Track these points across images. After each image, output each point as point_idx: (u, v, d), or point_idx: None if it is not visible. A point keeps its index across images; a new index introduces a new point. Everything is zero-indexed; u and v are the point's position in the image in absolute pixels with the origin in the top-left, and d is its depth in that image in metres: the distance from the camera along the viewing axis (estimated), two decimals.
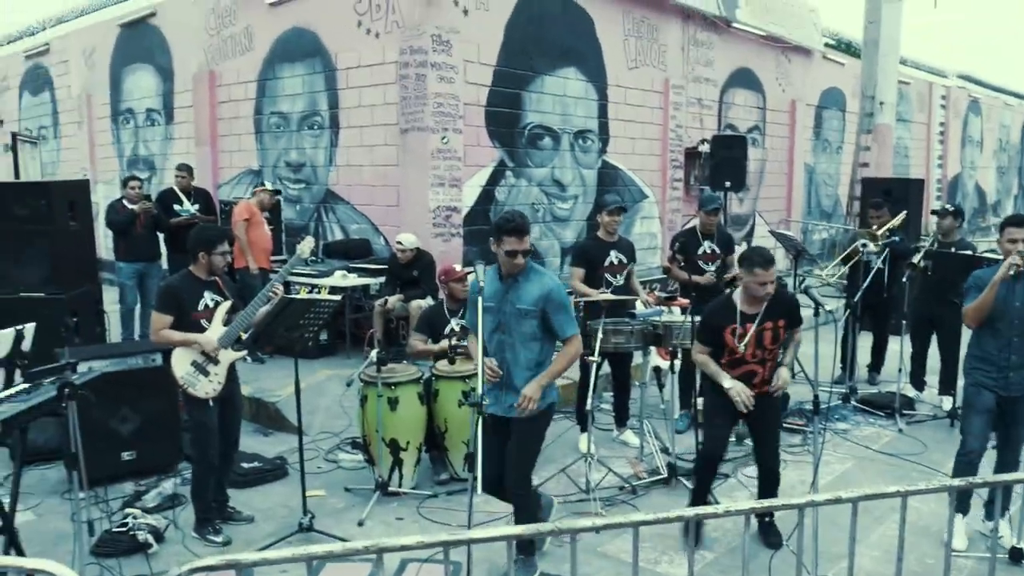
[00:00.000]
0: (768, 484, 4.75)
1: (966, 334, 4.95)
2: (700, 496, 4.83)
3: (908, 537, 4.92)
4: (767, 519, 4.84)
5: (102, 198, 12.88)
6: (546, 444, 6.45)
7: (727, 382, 4.57)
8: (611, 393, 6.88)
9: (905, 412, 7.22)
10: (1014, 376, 4.62)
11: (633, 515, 2.33)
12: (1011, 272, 4.46)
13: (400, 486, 5.56)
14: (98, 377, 4.45)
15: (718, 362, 4.67)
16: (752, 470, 5.36)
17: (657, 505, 5.42)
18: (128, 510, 5.02)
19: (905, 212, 8.19)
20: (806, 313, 4.78)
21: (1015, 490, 5.12)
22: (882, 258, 7.50)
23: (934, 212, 7.82)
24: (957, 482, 2.70)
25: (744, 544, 2.83)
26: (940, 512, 5.01)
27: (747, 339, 4.53)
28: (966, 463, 4.78)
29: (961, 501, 4.85)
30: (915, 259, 7.08)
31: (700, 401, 5.43)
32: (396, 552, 2.14)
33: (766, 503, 2.66)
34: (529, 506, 4.33)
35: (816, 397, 4.26)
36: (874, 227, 7.81)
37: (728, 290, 5.10)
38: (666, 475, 5.67)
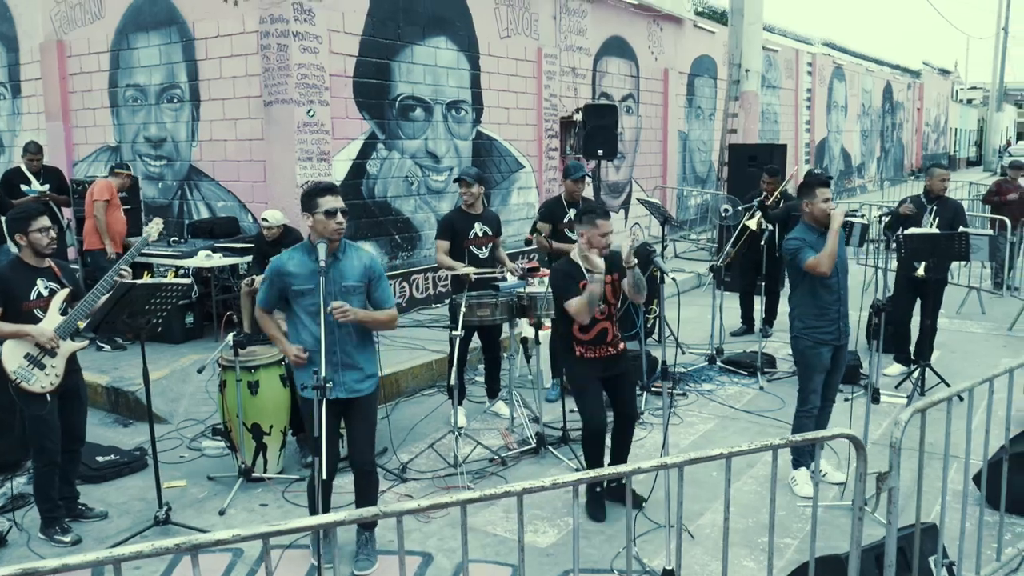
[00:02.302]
0: (625, 433, 4.89)
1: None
2: (596, 466, 4.82)
3: (761, 490, 5.16)
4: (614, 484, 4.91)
5: None
6: (418, 420, 6.49)
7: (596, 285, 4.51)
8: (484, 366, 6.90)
9: (767, 370, 7.53)
10: (843, 324, 4.97)
11: (461, 494, 2.31)
12: (845, 225, 4.81)
13: (265, 471, 5.44)
14: None
15: (570, 331, 4.73)
16: None
17: (526, 474, 5.47)
18: None
19: (794, 171, 8.62)
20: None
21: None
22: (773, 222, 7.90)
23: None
24: (778, 441, 2.80)
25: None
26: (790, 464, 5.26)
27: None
28: (809, 418, 5.03)
29: (801, 454, 5.12)
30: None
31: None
32: (212, 550, 2.06)
33: (594, 473, 2.69)
34: (377, 481, 4.42)
35: (663, 363, 4.36)
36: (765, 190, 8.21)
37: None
38: (534, 445, 5.74)
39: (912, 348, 7.54)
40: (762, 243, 8.19)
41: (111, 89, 10.32)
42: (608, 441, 4.85)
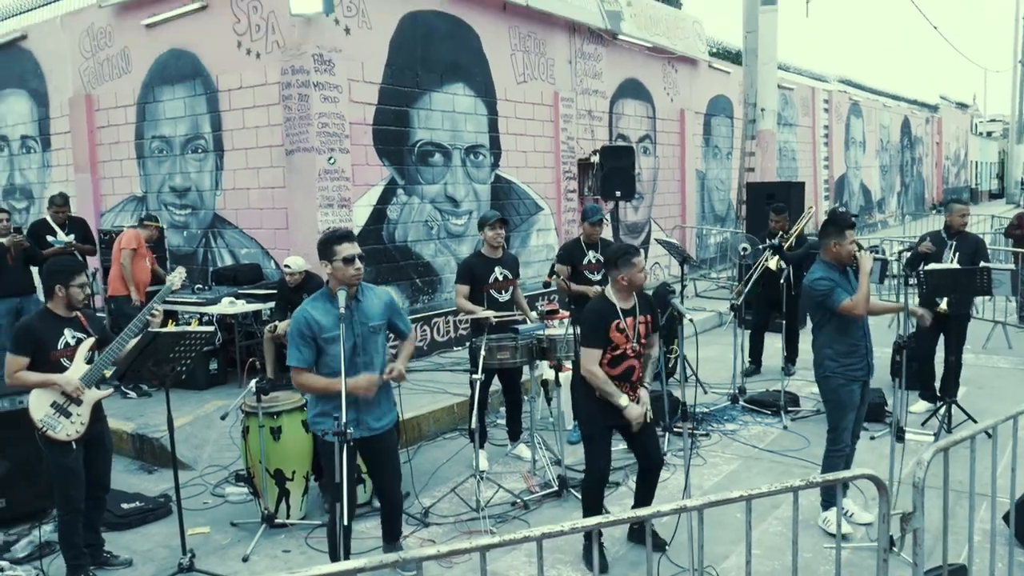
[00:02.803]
0: (650, 481, 4.80)
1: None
2: (594, 514, 4.82)
3: (786, 531, 5.09)
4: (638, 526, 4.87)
5: None
6: (440, 464, 6.48)
7: (623, 401, 4.55)
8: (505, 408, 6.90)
9: (790, 409, 7.47)
10: (870, 360, 4.98)
11: (481, 539, 2.32)
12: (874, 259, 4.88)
13: (288, 517, 5.44)
14: None
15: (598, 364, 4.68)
16: None
17: (549, 518, 5.44)
18: None
19: (812, 208, 8.63)
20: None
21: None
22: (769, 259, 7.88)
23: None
24: (799, 482, 2.79)
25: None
26: (818, 506, 5.20)
27: (629, 331, 4.59)
28: (839, 458, 4.99)
29: (833, 494, 5.05)
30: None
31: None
32: None
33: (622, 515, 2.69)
34: (401, 514, 4.52)
35: (683, 404, 4.35)
36: (780, 233, 8.22)
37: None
38: (557, 488, 5.71)
39: (937, 384, 7.46)
40: (781, 281, 8.16)
41: (137, 141, 10.56)
42: (632, 485, 4.81)
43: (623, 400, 4.55)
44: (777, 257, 8.13)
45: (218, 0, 9.28)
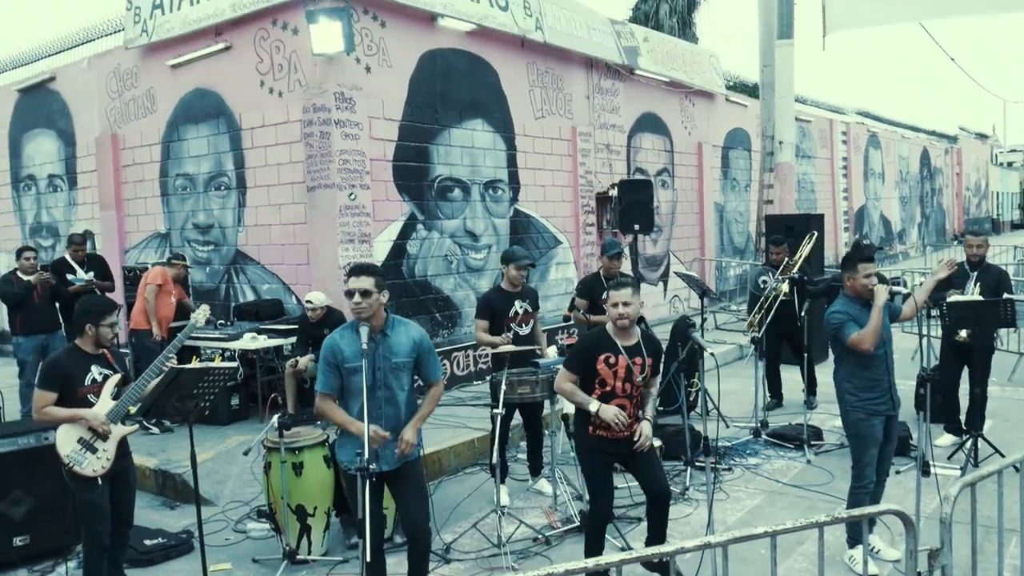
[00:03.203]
0: (659, 513, 4.72)
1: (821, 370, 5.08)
2: (595, 553, 4.72)
3: (812, 568, 5.02)
4: (658, 561, 4.79)
5: (3, 267, 12.47)
6: (461, 499, 6.46)
7: (593, 405, 4.50)
8: (526, 443, 6.88)
9: (813, 443, 7.40)
10: (894, 393, 4.93)
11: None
12: (889, 296, 4.79)
13: (309, 553, 5.43)
14: None
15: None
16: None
17: (571, 554, 5.39)
18: None
19: (815, 234, 8.57)
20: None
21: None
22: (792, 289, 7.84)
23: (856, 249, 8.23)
24: (824, 518, 2.76)
25: None
26: (844, 542, 5.13)
27: (620, 369, 4.50)
28: (864, 494, 4.93)
29: (859, 531, 4.98)
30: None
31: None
32: None
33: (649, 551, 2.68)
34: (429, 551, 4.39)
35: (706, 439, 4.32)
36: (787, 261, 8.15)
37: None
38: (578, 523, 5.67)
39: (963, 417, 7.37)
40: (803, 314, 8.10)
41: (162, 179, 10.74)
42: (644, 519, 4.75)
43: (593, 405, 4.50)
44: (787, 285, 8.04)
45: (242, 41, 9.47)
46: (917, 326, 9.28)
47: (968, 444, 6.71)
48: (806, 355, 8.35)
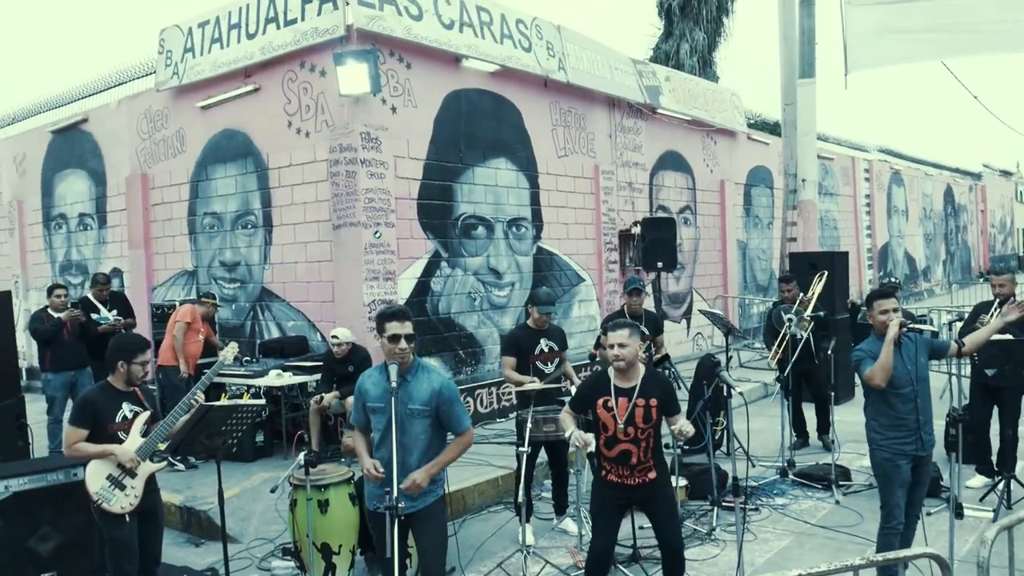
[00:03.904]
0: (672, 567, 4.63)
1: (849, 409, 5.04)
2: None
3: None
4: None
5: (34, 305, 12.68)
6: (486, 537, 6.42)
7: (567, 432, 4.51)
8: (551, 481, 6.84)
9: (842, 483, 7.30)
10: (924, 435, 4.85)
11: None
12: (901, 330, 4.75)
13: None
14: (9, 497, 4.30)
15: (597, 443, 4.53)
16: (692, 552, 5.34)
17: None
18: None
19: (825, 272, 8.49)
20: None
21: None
22: (807, 329, 7.74)
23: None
24: (859, 561, 2.73)
25: None
26: None
27: (618, 411, 4.44)
28: (895, 535, 4.85)
29: (890, 573, 4.90)
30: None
31: None
32: None
33: None
34: None
35: (735, 479, 4.28)
36: (801, 300, 8.08)
37: (663, 368, 5.13)
38: None
39: (994, 459, 7.25)
40: (830, 352, 8.02)
41: (190, 217, 10.90)
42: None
43: (567, 432, 4.51)
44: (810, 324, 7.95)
45: (270, 82, 9.66)
46: (947, 364, 9.20)
47: (1000, 486, 6.59)
48: (819, 395, 8.28)
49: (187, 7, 11.38)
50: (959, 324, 7.27)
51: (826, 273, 8.56)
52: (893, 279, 7.96)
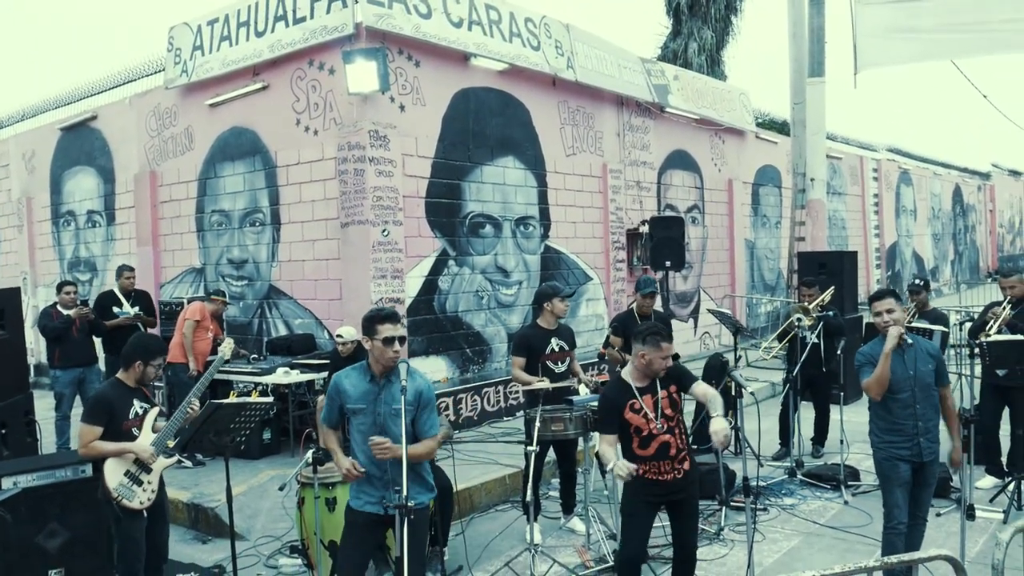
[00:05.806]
0: (685, 567, 4.64)
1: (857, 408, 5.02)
2: None
3: None
4: None
5: (42, 301, 12.70)
6: (493, 536, 6.41)
7: (610, 463, 4.40)
8: (558, 480, 6.83)
9: (850, 483, 7.27)
10: (924, 441, 4.80)
11: None
12: (899, 342, 4.71)
13: None
14: (18, 493, 4.30)
15: (629, 448, 4.54)
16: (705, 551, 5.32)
17: None
18: None
19: (833, 287, 8.45)
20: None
21: None
22: (816, 332, 7.67)
23: (909, 288, 8.14)
24: (872, 563, 2.71)
25: None
26: None
27: (648, 409, 4.48)
28: (896, 535, 4.83)
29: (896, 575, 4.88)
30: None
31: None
32: None
33: None
34: None
35: (746, 479, 4.26)
36: (806, 302, 8.01)
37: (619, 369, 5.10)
38: (612, 562, 5.60)
39: (1004, 459, 7.22)
40: (839, 351, 7.99)
41: (198, 215, 10.91)
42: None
43: (609, 464, 4.40)
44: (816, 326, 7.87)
45: (279, 80, 9.66)
46: (957, 365, 9.15)
47: (1011, 486, 6.56)
48: (821, 405, 8.23)
49: (196, 5, 11.39)
50: (968, 324, 7.25)
51: (834, 288, 8.54)
52: (919, 280, 7.82)
